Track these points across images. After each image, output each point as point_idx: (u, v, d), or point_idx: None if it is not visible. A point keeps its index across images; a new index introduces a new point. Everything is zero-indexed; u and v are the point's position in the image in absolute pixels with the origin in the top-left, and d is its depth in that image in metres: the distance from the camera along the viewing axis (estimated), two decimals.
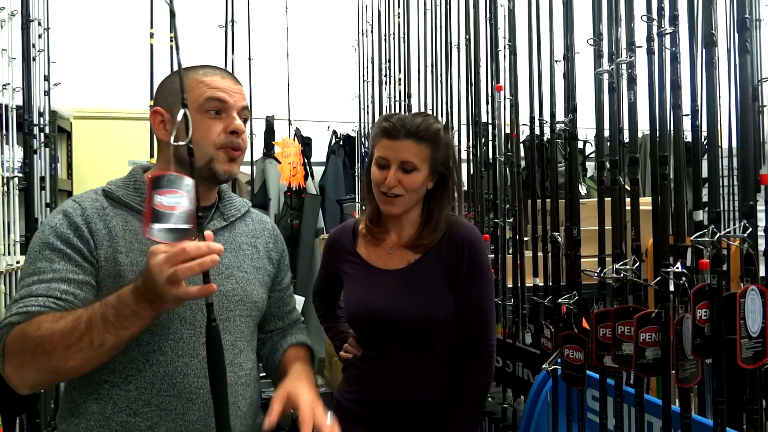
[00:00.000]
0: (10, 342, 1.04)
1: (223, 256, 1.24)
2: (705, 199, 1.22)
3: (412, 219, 1.63)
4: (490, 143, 2.34)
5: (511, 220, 2.14)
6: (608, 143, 1.51)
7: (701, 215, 1.24)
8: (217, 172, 1.22)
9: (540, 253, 1.89)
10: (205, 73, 1.24)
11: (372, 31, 3.85)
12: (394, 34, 3.49)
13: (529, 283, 2.01)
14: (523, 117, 2.06)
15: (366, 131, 3.91)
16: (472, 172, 2.53)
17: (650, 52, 1.33)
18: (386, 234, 1.64)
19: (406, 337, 1.56)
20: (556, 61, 1.75)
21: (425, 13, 3.07)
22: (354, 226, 1.71)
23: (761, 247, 1.41)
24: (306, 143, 4.34)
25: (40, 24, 2.92)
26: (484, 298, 1.58)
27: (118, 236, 1.17)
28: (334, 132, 4.56)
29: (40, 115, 2.92)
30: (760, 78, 1.33)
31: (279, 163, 3.98)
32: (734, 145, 2.27)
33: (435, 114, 2.98)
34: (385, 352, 1.58)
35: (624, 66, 1.42)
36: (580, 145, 3.06)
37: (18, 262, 2.74)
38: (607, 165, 1.50)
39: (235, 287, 1.27)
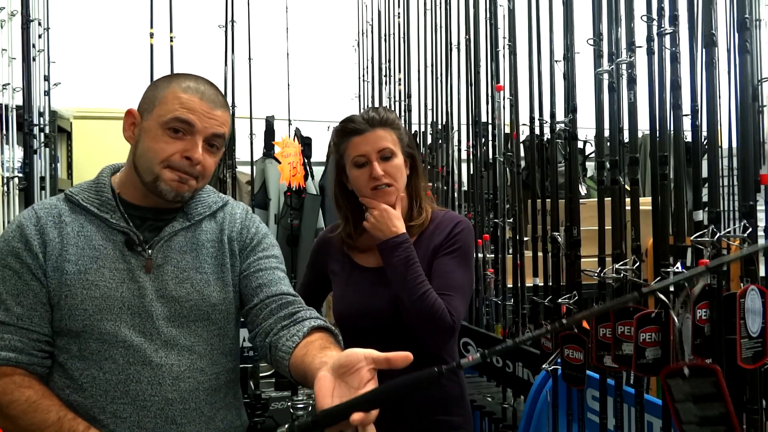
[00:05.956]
0: None
1: (180, 259, 1.21)
2: (705, 199, 1.22)
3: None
4: (490, 143, 2.34)
5: (511, 220, 2.14)
6: (608, 143, 1.51)
7: (701, 215, 1.24)
8: (162, 191, 1.16)
9: (540, 253, 1.89)
10: (187, 88, 1.17)
11: (372, 31, 3.86)
12: (394, 34, 3.49)
13: (529, 283, 2.01)
14: (523, 117, 2.06)
15: None
16: (472, 172, 2.54)
17: (650, 52, 1.33)
18: (370, 239, 1.59)
19: (394, 335, 1.48)
20: (556, 61, 1.75)
21: (425, 13, 3.08)
22: None
23: None
24: (306, 143, 4.33)
25: (40, 24, 2.92)
26: (457, 273, 1.50)
27: (69, 243, 1.15)
28: None
29: (40, 115, 2.92)
30: (760, 78, 1.33)
31: (279, 163, 3.97)
32: (734, 145, 2.27)
33: (435, 114, 2.99)
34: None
35: (624, 66, 1.42)
36: (580, 145, 3.06)
37: None
38: (607, 165, 1.50)
39: (189, 291, 1.20)
